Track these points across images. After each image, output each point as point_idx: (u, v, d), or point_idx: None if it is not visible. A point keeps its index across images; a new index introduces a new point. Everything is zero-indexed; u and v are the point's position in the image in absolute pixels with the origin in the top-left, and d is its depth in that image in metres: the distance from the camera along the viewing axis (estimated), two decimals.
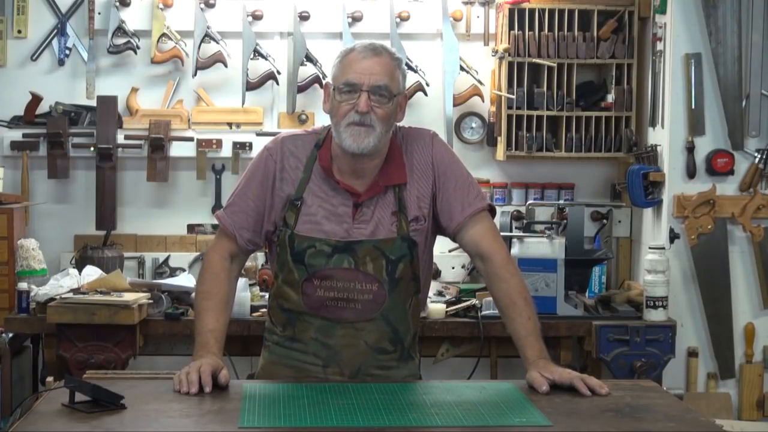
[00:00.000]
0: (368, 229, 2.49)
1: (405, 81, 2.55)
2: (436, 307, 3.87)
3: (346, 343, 2.51)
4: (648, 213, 4.31)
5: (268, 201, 2.54)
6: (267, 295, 3.93)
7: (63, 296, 3.73)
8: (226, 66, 4.43)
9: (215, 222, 4.46)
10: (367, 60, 2.45)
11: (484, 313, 3.87)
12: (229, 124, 4.47)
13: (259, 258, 4.21)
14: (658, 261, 3.86)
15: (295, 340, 2.55)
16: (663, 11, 4.11)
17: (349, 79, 2.44)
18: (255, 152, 4.37)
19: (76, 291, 3.79)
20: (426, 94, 4.45)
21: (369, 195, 2.50)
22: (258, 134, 4.41)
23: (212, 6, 4.41)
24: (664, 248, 3.92)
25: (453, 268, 4.45)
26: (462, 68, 4.43)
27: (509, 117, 4.32)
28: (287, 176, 2.53)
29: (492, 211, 2.61)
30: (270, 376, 2.59)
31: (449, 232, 2.58)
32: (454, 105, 4.46)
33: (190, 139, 4.41)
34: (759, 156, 4.05)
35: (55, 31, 4.43)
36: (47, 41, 4.43)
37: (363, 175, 2.51)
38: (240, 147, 4.40)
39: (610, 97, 4.36)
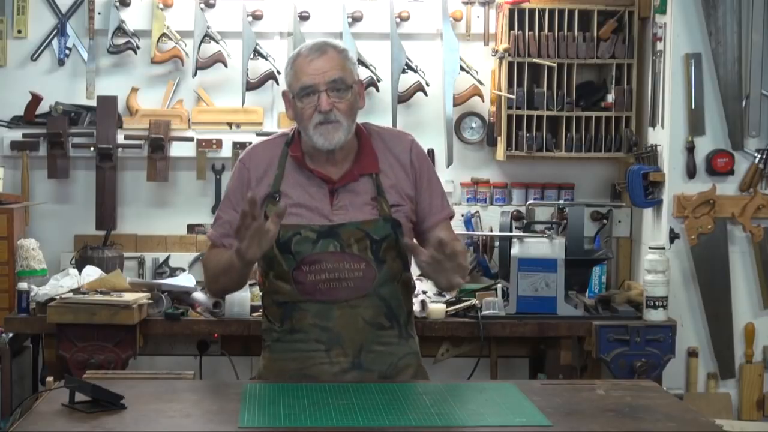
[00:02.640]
0: (348, 215, 2.54)
1: (356, 69, 2.61)
2: (436, 307, 3.87)
3: (344, 322, 2.54)
4: (648, 213, 4.31)
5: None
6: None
7: (63, 296, 3.73)
8: (226, 66, 4.43)
9: None
10: (315, 60, 2.52)
11: (484, 313, 3.87)
12: (229, 124, 4.47)
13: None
14: (658, 261, 3.86)
15: (294, 330, 2.57)
16: (663, 11, 4.10)
17: (304, 83, 2.52)
18: None
19: (76, 291, 3.79)
20: (426, 94, 4.45)
21: (344, 182, 2.57)
22: (258, 134, 4.41)
23: (212, 6, 4.41)
24: (664, 248, 3.92)
25: None
26: (462, 68, 4.43)
27: (509, 117, 4.32)
28: (262, 179, 2.60)
29: (451, 218, 2.71)
30: (274, 372, 2.60)
31: (416, 230, 2.65)
32: (454, 105, 4.46)
33: (190, 139, 4.41)
34: (759, 156, 4.05)
35: (55, 31, 4.43)
36: (47, 41, 4.43)
37: (335, 162, 2.58)
38: (240, 147, 4.39)
39: (610, 97, 4.36)
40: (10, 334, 3.85)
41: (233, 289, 2.71)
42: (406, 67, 4.41)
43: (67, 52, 4.43)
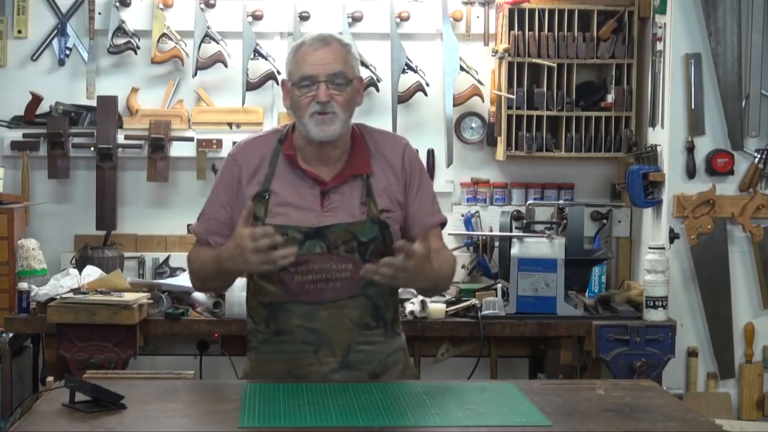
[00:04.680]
0: (337, 217, 2.52)
1: (358, 65, 2.59)
2: (436, 307, 3.87)
3: (331, 323, 2.52)
4: (648, 213, 4.31)
5: (236, 204, 2.56)
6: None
7: (63, 296, 3.73)
8: (226, 66, 4.43)
9: None
10: (319, 51, 2.50)
11: (484, 313, 3.87)
12: (229, 124, 4.47)
13: None
14: (658, 261, 3.86)
15: (280, 332, 2.55)
16: (663, 11, 4.11)
17: (305, 73, 2.49)
18: None
19: (76, 291, 3.79)
20: (426, 94, 4.45)
21: (335, 183, 2.54)
22: None
23: (212, 6, 4.41)
24: (664, 248, 3.93)
25: None
26: (462, 68, 4.43)
27: (509, 117, 4.32)
28: (252, 176, 2.57)
29: (444, 225, 2.69)
30: (261, 374, 2.58)
31: (405, 237, 2.60)
32: (454, 105, 4.46)
33: (190, 139, 4.42)
34: (759, 156, 4.05)
35: (56, 31, 4.43)
36: (47, 41, 4.43)
37: (328, 162, 2.55)
38: None
39: (610, 97, 4.36)
40: (10, 334, 3.85)
41: (222, 290, 2.68)
42: (406, 67, 4.41)
43: (68, 52, 4.43)
